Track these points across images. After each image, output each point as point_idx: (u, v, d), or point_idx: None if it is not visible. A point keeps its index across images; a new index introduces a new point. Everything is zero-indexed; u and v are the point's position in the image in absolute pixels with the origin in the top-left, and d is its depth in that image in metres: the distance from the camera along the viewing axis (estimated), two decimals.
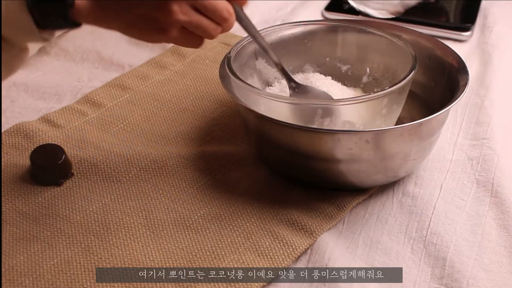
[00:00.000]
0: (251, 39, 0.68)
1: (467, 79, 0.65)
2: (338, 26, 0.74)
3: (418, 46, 0.70)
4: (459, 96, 0.62)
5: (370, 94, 0.64)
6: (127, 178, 0.67)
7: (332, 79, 0.70)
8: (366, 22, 0.80)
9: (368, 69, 0.73)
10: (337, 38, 0.74)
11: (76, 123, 0.75)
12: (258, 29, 0.64)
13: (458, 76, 0.67)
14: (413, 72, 0.62)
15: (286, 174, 0.67)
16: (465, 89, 0.63)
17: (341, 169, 0.62)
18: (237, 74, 0.63)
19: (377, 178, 0.65)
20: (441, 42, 0.72)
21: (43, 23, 0.53)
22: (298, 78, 0.69)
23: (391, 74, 0.71)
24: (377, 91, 0.61)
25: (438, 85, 0.70)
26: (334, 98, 0.66)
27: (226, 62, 0.65)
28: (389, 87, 0.61)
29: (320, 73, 0.72)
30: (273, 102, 0.62)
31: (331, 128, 0.62)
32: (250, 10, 0.70)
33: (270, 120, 0.60)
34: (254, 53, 0.70)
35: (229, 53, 0.66)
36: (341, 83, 0.71)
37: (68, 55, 0.91)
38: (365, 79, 0.73)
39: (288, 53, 0.72)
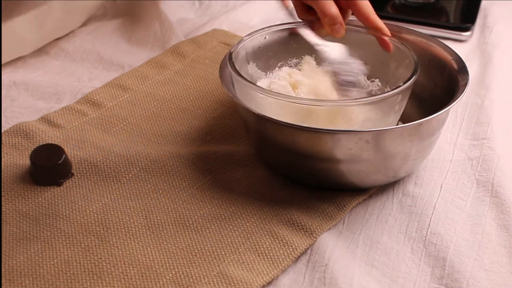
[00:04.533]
0: (246, 41, 0.68)
1: (467, 79, 0.65)
2: None
3: (418, 46, 0.70)
4: (459, 96, 0.62)
5: (386, 92, 0.63)
6: (127, 178, 0.67)
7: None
8: None
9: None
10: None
11: (76, 123, 0.75)
12: (257, 29, 0.64)
13: (458, 76, 0.67)
14: (418, 67, 0.63)
15: (286, 174, 0.67)
16: (465, 89, 0.63)
17: (341, 169, 0.62)
18: (239, 72, 0.63)
19: (377, 178, 0.64)
20: (441, 42, 0.72)
21: None
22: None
23: (391, 74, 0.71)
24: (394, 88, 0.61)
25: (438, 85, 0.70)
26: None
27: (228, 58, 0.65)
28: (404, 83, 0.61)
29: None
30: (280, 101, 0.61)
31: (332, 129, 0.62)
32: (251, 11, 0.70)
33: (270, 120, 0.60)
34: (246, 57, 0.70)
35: (230, 52, 0.66)
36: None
37: (68, 55, 0.91)
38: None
39: (288, 53, 0.72)
